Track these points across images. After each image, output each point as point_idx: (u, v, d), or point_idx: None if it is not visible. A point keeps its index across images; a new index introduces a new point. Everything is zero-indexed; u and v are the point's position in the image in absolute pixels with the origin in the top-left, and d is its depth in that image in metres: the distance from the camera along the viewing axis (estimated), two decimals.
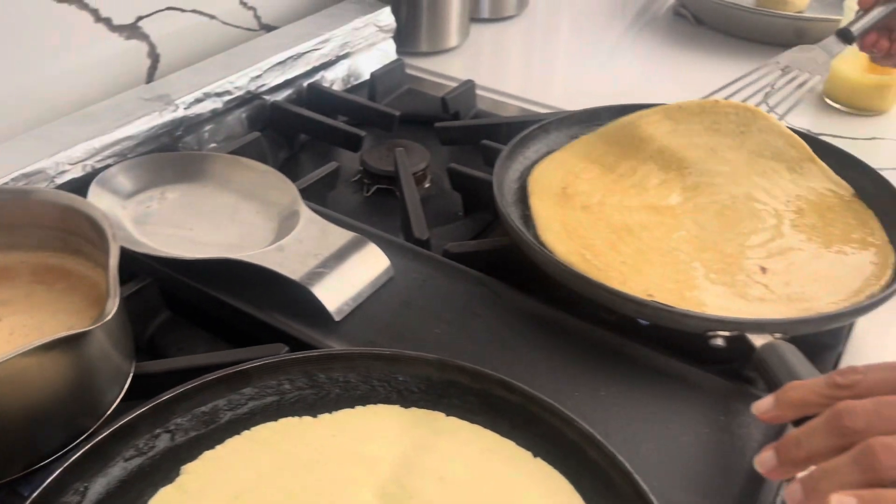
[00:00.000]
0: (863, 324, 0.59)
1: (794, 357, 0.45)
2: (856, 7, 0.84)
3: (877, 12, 0.70)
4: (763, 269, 0.56)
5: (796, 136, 0.67)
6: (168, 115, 0.69)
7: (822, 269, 0.56)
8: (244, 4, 0.85)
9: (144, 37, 0.76)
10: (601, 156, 0.69)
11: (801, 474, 0.37)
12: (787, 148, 0.67)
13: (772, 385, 0.44)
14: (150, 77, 0.77)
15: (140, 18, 0.75)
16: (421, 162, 0.77)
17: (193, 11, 0.79)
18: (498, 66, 1.00)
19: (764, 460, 0.39)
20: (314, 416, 0.44)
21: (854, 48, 0.77)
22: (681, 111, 0.70)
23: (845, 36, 0.72)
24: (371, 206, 0.75)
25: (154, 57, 0.77)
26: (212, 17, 0.82)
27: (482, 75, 0.94)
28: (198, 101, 0.72)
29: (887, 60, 0.73)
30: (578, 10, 1.17)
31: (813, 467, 0.37)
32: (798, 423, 0.40)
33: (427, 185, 0.77)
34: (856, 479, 0.34)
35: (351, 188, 0.78)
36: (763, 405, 0.41)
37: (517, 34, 1.09)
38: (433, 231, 0.68)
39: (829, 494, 0.33)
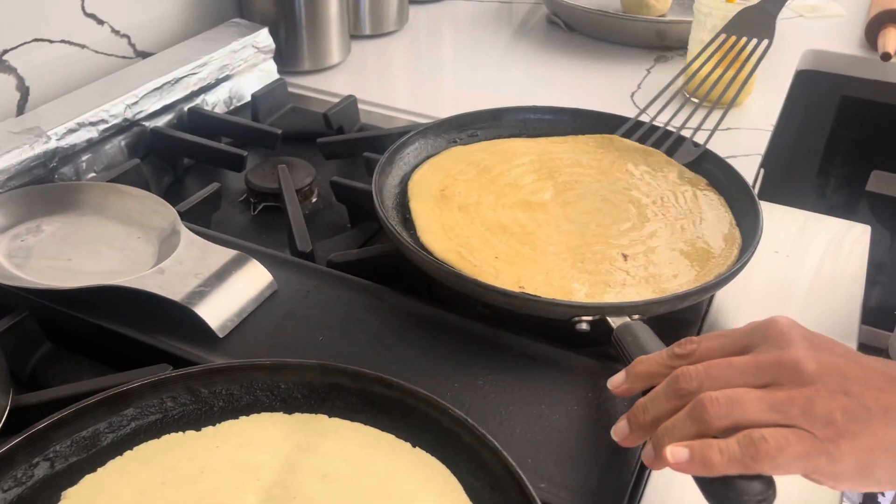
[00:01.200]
0: (719, 299, 0.65)
1: (646, 334, 0.49)
2: (704, 10, 0.91)
3: None
4: (625, 257, 0.60)
5: (650, 147, 0.73)
6: (40, 147, 0.68)
7: (677, 254, 0.61)
8: (117, 33, 0.84)
9: (11, 70, 0.74)
10: (478, 160, 0.72)
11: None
12: (646, 156, 0.73)
13: (626, 361, 0.48)
14: (21, 110, 0.76)
15: (5, 52, 0.74)
16: (306, 177, 0.78)
17: (62, 42, 0.79)
18: (383, 81, 1.03)
19: (618, 430, 0.43)
20: (198, 429, 0.45)
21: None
22: (546, 140, 0.76)
23: None
24: (259, 223, 0.76)
25: (23, 90, 0.76)
26: (82, 46, 0.81)
27: (369, 90, 0.97)
28: (71, 131, 0.71)
29: None
30: (458, 24, 1.21)
31: None
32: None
33: (314, 200, 0.79)
34: (690, 432, 0.38)
35: (238, 208, 0.78)
36: (616, 380, 0.45)
37: (400, 49, 1.12)
38: (321, 243, 0.70)
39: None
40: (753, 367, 0.39)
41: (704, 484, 0.39)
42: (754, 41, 0.77)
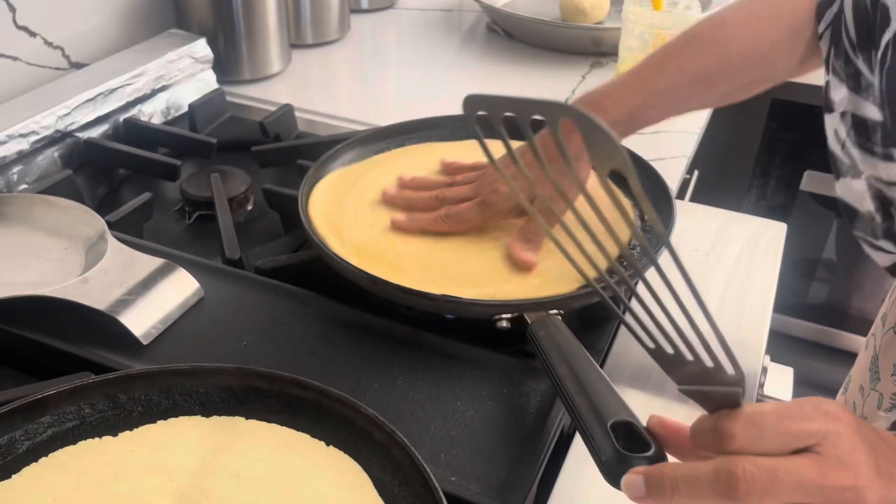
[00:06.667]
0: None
1: (559, 328, 0.51)
2: (631, 17, 0.94)
3: None
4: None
5: None
6: None
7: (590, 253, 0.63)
8: (50, 44, 0.84)
9: None
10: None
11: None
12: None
13: (540, 356, 0.50)
14: None
15: None
16: (241, 185, 0.79)
17: None
18: (324, 89, 1.04)
19: (632, 486, 0.35)
20: (115, 435, 0.46)
21: None
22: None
23: None
24: (193, 232, 0.77)
25: None
26: (14, 58, 0.81)
27: (310, 99, 0.98)
28: (0, 143, 0.71)
29: None
30: (401, 32, 1.22)
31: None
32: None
33: (250, 208, 0.80)
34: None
35: (173, 217, 0.79)
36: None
37: (342, 57, 1.13)
38: (253, 250, 0.71)
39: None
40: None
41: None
42: None
